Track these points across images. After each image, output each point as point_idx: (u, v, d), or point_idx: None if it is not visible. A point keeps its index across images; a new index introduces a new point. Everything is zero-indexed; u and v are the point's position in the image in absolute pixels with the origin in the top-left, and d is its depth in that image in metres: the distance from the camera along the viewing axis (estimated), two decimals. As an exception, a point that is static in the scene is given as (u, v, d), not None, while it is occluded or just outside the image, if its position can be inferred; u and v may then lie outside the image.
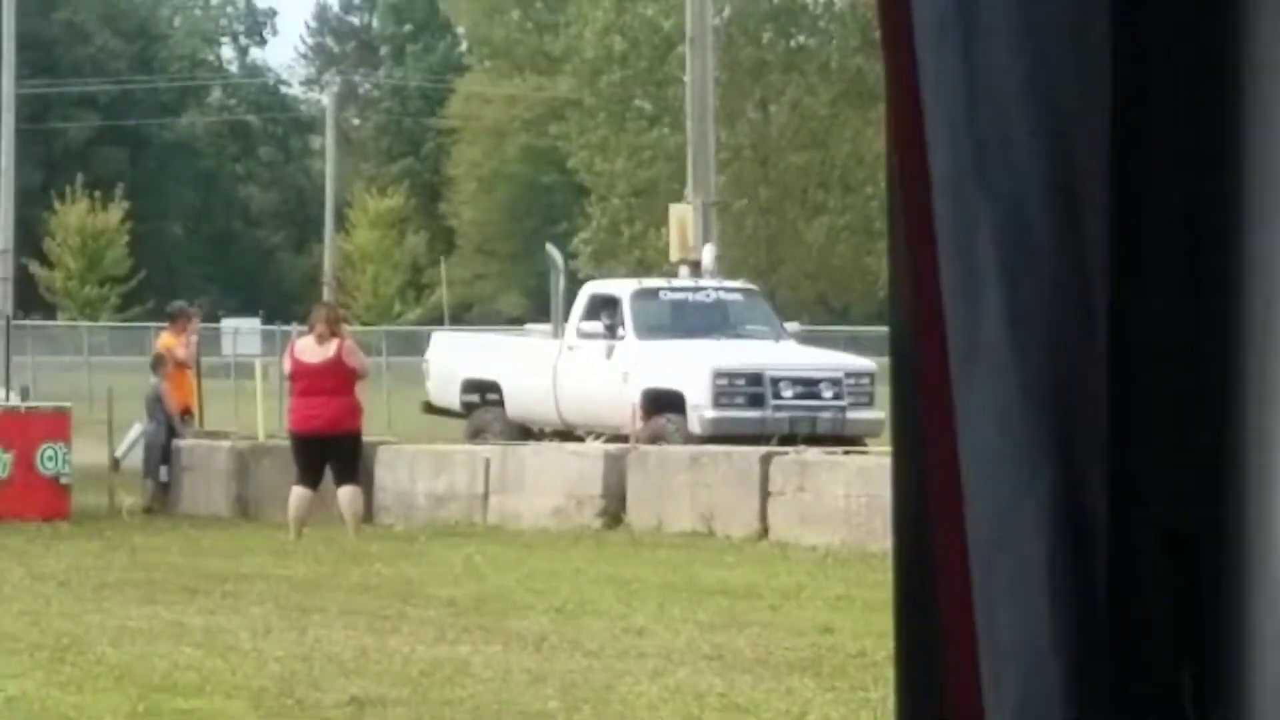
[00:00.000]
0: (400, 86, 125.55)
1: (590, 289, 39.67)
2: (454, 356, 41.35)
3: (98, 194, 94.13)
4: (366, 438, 30.99)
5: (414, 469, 32.43)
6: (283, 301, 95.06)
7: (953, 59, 1.90)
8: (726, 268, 45.70)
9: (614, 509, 30.17)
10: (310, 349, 29.69)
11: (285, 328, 67.77)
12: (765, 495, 28.55)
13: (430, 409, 40.82)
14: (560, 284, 41.30)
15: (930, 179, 1.89)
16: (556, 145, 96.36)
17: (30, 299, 74.89)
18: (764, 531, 28.28)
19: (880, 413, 35.83)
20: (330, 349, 29.36)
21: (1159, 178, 1.89)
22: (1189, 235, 1.86)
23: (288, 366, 30.49)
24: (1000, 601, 1.90)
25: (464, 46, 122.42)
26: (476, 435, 36.43)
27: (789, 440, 31.85)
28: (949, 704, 1.91)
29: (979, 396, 1.89)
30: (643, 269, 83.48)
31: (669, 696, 16.92)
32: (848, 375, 36.65)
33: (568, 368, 36.62)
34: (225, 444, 34.75)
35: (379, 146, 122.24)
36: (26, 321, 63.25)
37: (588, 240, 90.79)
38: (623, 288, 39.02)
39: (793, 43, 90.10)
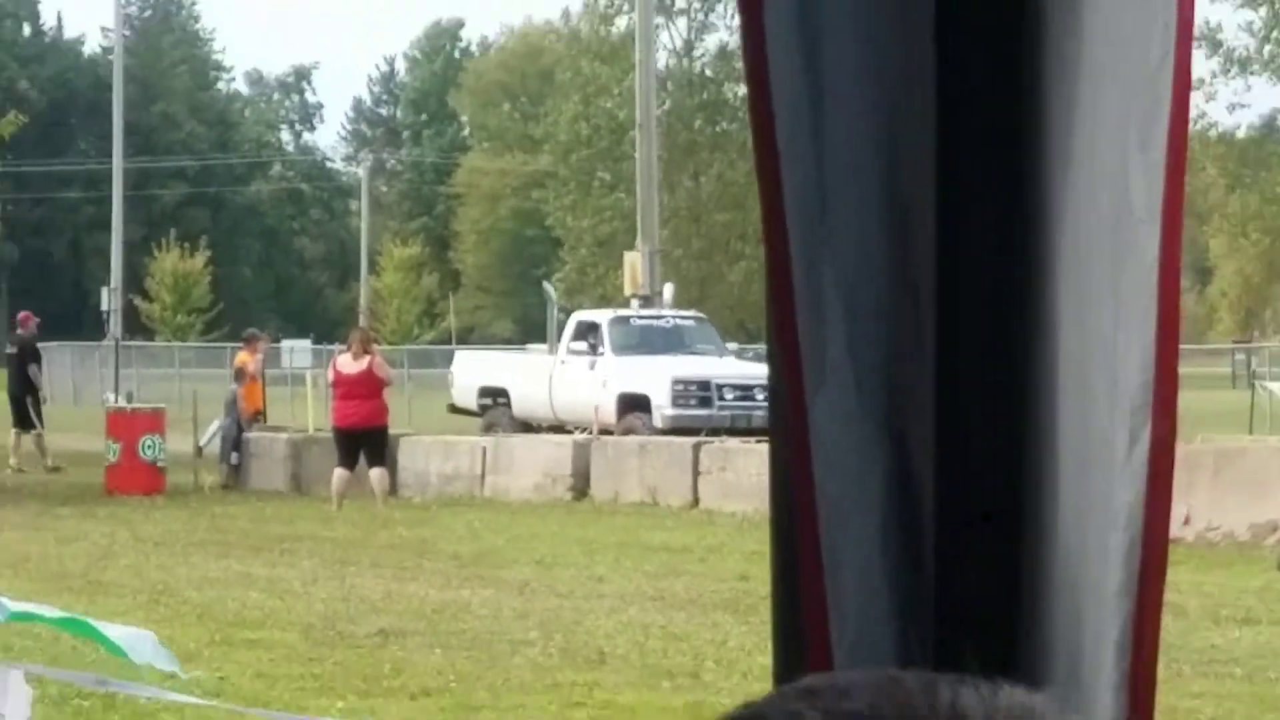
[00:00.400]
0: (418, 162, 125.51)
1: (577, 317, 39.68)
2: (472, 369, 41.75)
3: (186, 245, 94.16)
4: (392, 431, 30.99)
5: (428, 455, 32.42)
6: (328, 327, 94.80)
7: (803, 117, 1.88)
8: (675, 299, 45.62)
9: (580, 485, 30.21)
10: (348, 363, 29.80)
11: (330, 347, 67.72)
12: (696, 474, 28.60)
13: (454, 409, 41.00)
14: (554, 313, 41.81)
15: (786, 227, 1.88)
16: (538, 207, 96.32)
17: (134, 325, 74.78)
18: (695, 502, 28.27)
19: None
20: (364, 363, 29.53)
21: (975, 215, 1.86)
22: (1002, 259, 1.85)
23: (331, 376, 30.58)
24: (844, 563, 1.89)
25: (467, 131, 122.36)
26: (489, 429, 36.40)
27: (732, 432, 31.85)
28: (809, 643, 1.90)
29: (825, 407, 1.87)
30: (605, 302, 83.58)
31: (622, 629, 16.92)
32: None
33: (560, 377, 36.64)
34: (283, 436, 34.69)
35: (401, 208, 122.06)
36: (131, 343, 63.08)
37: (561, 279, 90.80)
38: (602, 316, 39.10)
39: (718, 128, 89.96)
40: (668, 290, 41.95)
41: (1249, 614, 17.18)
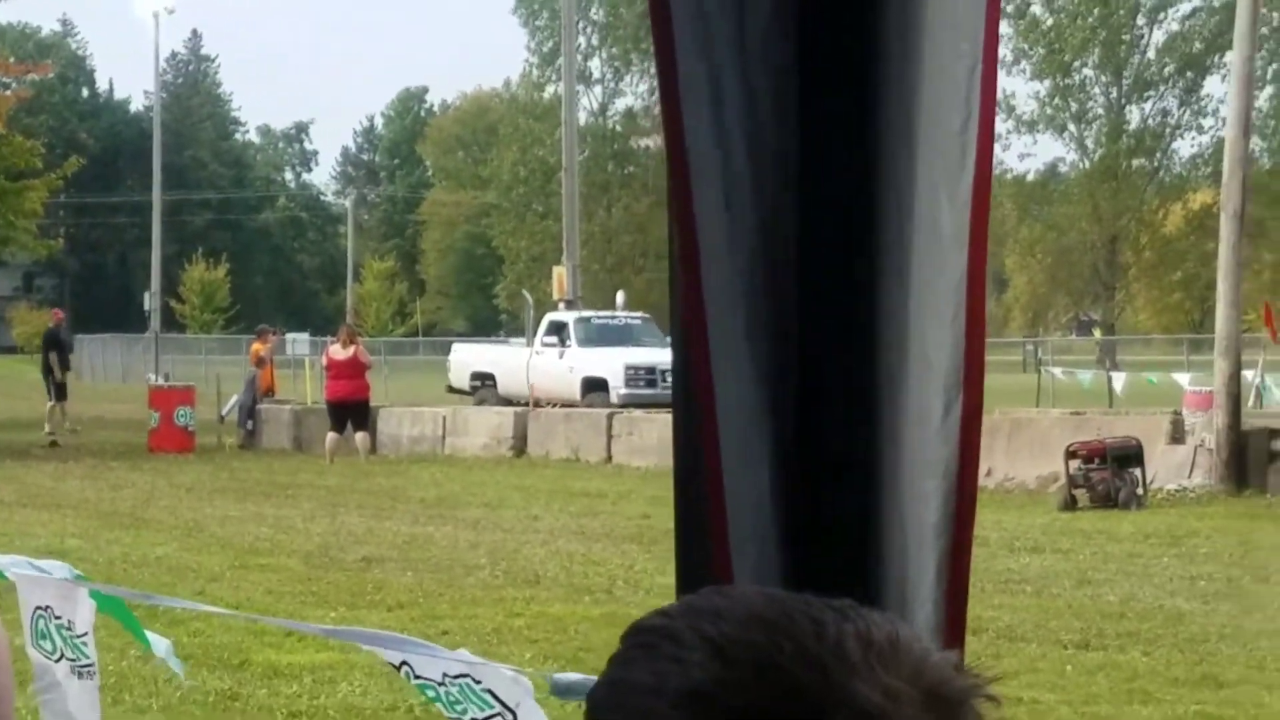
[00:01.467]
0: (392, 196, 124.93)
1: (550, 317, 39.05)
2: (466, 357, 41.37)
3: (211, 259, 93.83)
4: (372, 403, 30.86)
5: (400, 422, 32.29)
6: (323, 322, 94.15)
7: (706, 126, 1.87)
8: (585, 304, 45.47)
9: (519, 446, 30.12)
10: (338, 351, 29.63)
11: (324, 338, 67.31)
12: (610, 437, 28.57)
13: (451, 389, 40.64)
14: (531, 314, 40.87)
15: (696, 228, 1.88)
16: (485, 231, 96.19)
17: (169, 322, 74.37)
18: (609, 458, 28.25)
19: None
20: (350, 351, 29.37)
21: (829, 234, 1.86)
22: (849, 271, 1.85)
23: (325, 361, 30.42)
24: (741, 502, 1.89)
25: (430, 172, 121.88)
26: (480, 404, 35.97)
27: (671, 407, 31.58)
28: (713, 569, 1.91)
29: (724, 379, 1.88)
30: (539, 306, 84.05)
31: (553, 556, 16.88)
32: None
33: (536, 364, 36.36)
34: (288, 407, 34.50)
35: (379, 232, 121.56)
36: (168, 335, 62.57)
37: (503, 289, 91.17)
38: (569, 316, 38.64)
39: (625, 171, 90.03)
40: (620, 296, 42.02)
41: (1036, 544, 17.29)
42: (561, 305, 41.90)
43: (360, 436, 29.00)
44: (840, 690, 1.06)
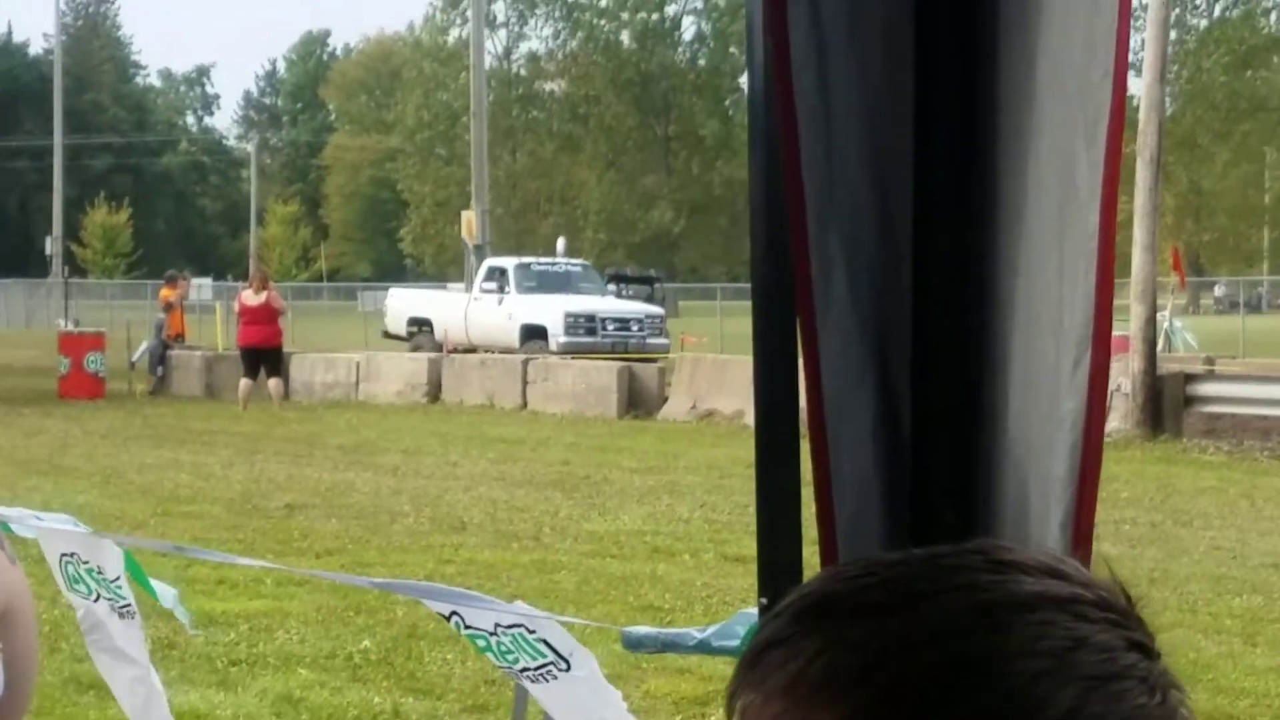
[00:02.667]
0: (295, 140, 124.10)
1: (489, 262, 38.15)
2: (403, 303, 40.35)
3: (113, 203, 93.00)
4: (285, 349, 30.62)
5: (314, 368, 32.09)
6: (225, 267, 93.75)
7: (816, 128, 1.88)
8: (494, 248, 45.30)
9: (434, 392, 30.01)
10: (251, 297, 29.30)
11: (227, 284, 66.91)
12: (525, 383, 28.46)
13: (387, 335, 40.01)
14: (473, 260, 39.88)
15: (804, 198, 1.87)
16: (390, 176, 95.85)
17: (72, 267, 73.24)
18: (524, 405, 28.18)
19: (667, 340, 36.06)
20: (263, 297, 29.03)
21: (941, 194, 1.87)
22: (969, 226, 1.85)
23: (237, 307, 30.11)
24: (843, 454, 1.89)
25: (334, 117, 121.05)
26: (416, 350, 35.29)
27: (611, 355, 31.12)
28: (819, 514, 1.89)
29: (830, 332, 1.87)
30: (443, 250, 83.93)
31: (475, 502, 16.85)
32: (648, 316, 36.69)
33: (474, 310, 36.02)
34: (198, 353, 34.27)
35: (282, 176, 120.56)
36: (73, 280, 61.86)
37: (408, 232, 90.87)
38: (508, 262, 38.14)
39: (530, 115, 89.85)
40: (560, 243, 41.69)
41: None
42: (471, 249, 41.70)
43: (274, 383, 28.74)
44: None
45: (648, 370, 27.59)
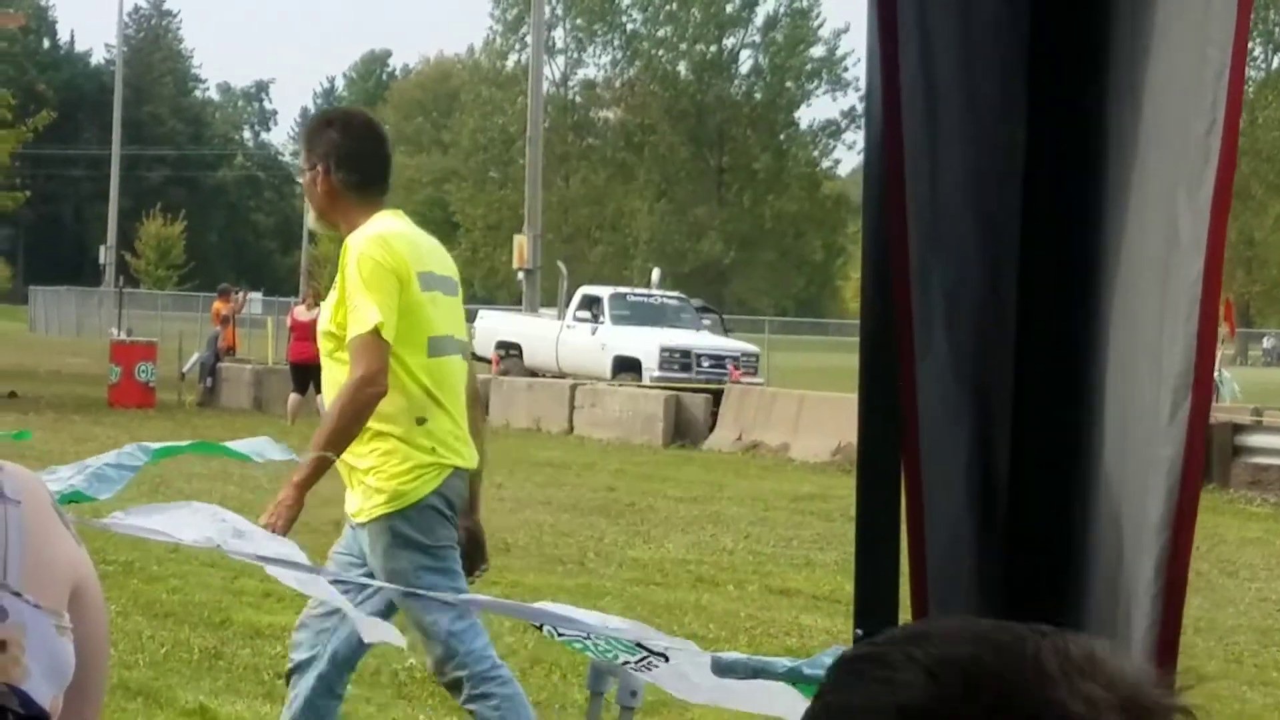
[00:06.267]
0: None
1: (583, 290, 38.32)
2: (492, 325, 40.05)
3: (168, 215, 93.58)
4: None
5: (362, 386, 32.20)
6: (275, 283, 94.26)
7: (923, 173, 1.90)
8: (544, 273, 45.34)
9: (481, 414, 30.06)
10: (303, 312, 29.38)
11: (277, 299, 67.19)
12: (573, 408, 28.50)
13: (474, 357, 39.74)
14: (564, 286, 39.84)
15: (906, 239, 1.90)
16: (443, 197, 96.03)
17: (124, 276, 73.70)
18: (570, 429, 28.21)
19: (760, 379, 35.65)
20: (315, 312, 29.13)
21: (1043, 235, 1.89)
22: (1070, 270, 1.87)
23: (289, 322, 30.24)
24: (936, 494, 1.91)
25: (390, 136, 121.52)
26: (504, 374, 34.93)
27: (704, 392, 30.44)
28: (912, 553, 1.92)
29: (928, 376, 1.90)
30: (492, 274, 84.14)
31: (520, 525, 16.82)
32: (743, 354, 36.58)
33: (566, 338, 35.89)
34: (248, 366, 34.41)
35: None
36: (125, 289, 62.31)
37: (457, 256, 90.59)
38: (603, 291, 38.11)
39: (584, 143, 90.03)
40: (655, 273, 41.54)
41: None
42: (521, 275, 41.72)
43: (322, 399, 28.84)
44: (1043, 701, 1.12)
45: (695, 400, 27.57)
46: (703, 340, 36.56)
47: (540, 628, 3.23)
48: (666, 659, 2.98)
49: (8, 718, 2.15)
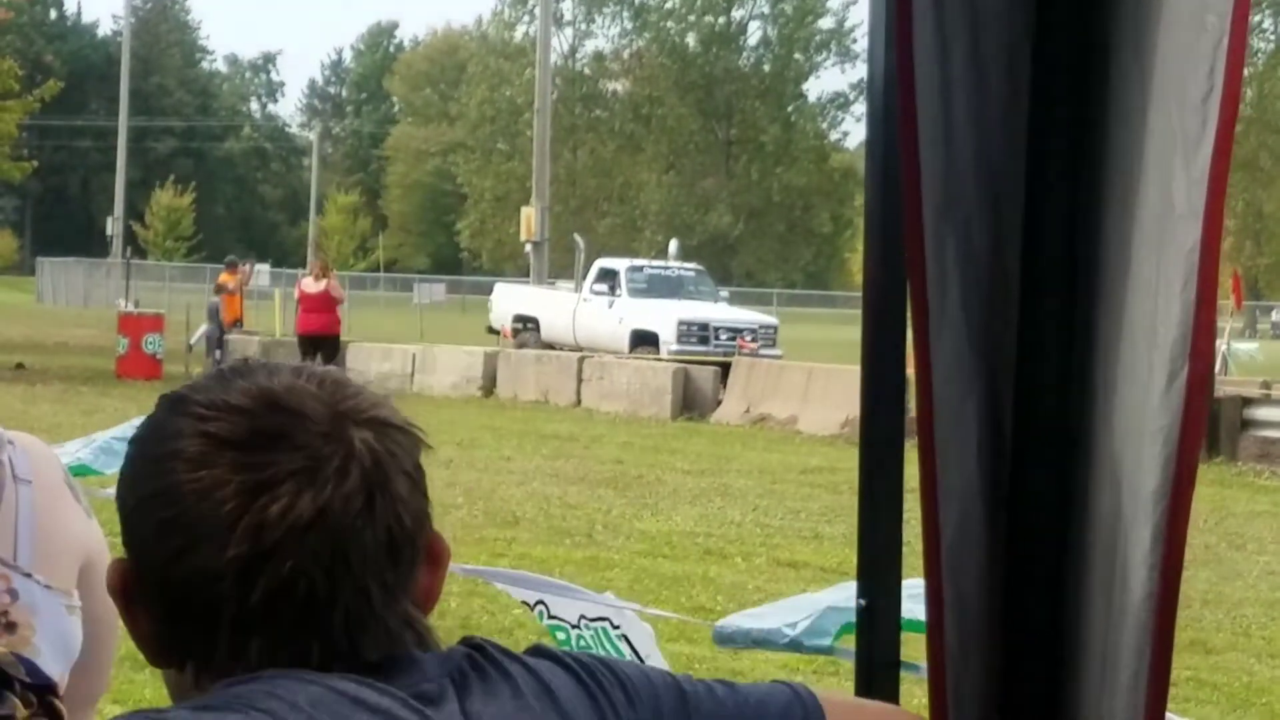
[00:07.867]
0: (358, 130, 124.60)
1: (600, 263, 38.00)
2: (509, 298, 39.87)
3: (176, 186, 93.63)
4: (342, 338, 30.75)
5: (370, 357, 32.21)
6: (283, 255, 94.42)
7: (936, 142, 1.92)
8: (552, 245, 45.32)
9: (488, 386, 30.06)
10: (311, 284, 29.51)
11: (284, 270, 67.21)
12: (580, 380, 28.49)
13: (491, 330, 39.61)
14: (581, 259, 39.53)
15: (921, 214, 1.91)
16: (450, 169, 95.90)
17: (132, 248, 73.76)
18: (578, 402, 28.22)
19: (780, 350, 35.22)
20: (323, 284, 29.23)
21: (1050, 209, 1.91)
22: (1071, 241, 1.89)
23: (297, 294, 30.31)
24: (949, 463, 1.92)
25: (397, 108, 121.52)
26: (521, 347, 34.79)
27: (723, 365, 29.33)
28: (924, 518, 1.94)
29: (943, 343, 1.91)
30: (500, 245, 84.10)
31: (528, 497, 16.88)
32: (761, 326, 36.35)
33: (583, 311, 35.76)
34: (255, 338, 34.47)
35: (343, 166, 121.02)
36: (132, 261, 62.38)
37: (466, 227, 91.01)
38: (620, 264, 37.83)
39: (592, 114, 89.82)
40: (673, 245, 41.23)
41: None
42: (529, 248, 41.71)
43: (331, 370, 28.86)
44: None
45: (703, 372, 27.57)
46: (720, 313, 36.37)
47: (533, 608, 3.23)
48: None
49: (15, 686, 2.17)
